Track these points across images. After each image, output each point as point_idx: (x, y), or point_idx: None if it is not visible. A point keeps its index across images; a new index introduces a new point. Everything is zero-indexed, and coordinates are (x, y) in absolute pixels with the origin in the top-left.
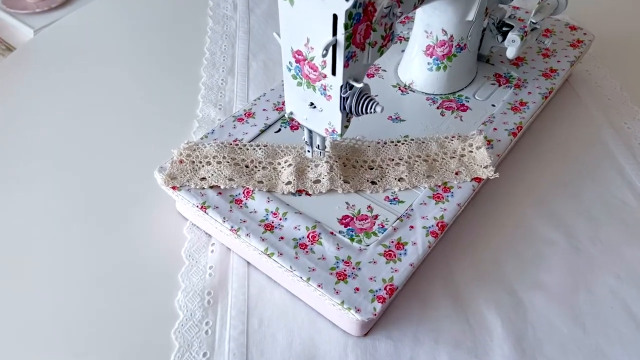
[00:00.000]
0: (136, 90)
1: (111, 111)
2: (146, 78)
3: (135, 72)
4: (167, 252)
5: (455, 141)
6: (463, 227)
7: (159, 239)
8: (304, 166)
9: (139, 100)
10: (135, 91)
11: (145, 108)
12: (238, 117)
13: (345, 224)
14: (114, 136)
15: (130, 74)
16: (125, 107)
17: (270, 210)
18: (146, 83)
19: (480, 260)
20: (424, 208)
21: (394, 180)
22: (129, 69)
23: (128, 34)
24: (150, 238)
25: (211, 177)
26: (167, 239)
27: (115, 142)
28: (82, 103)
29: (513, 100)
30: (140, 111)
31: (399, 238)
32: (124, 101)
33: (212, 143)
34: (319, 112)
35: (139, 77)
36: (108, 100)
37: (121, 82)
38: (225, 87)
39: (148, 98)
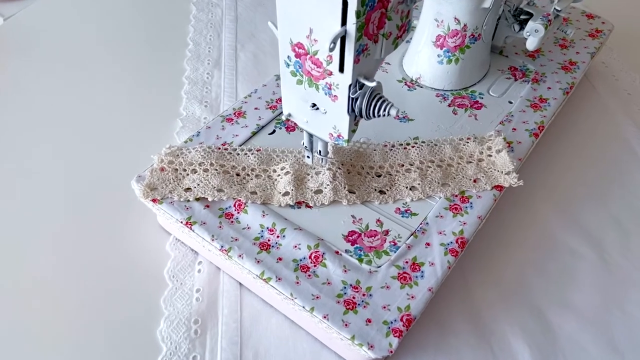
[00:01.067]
0: (112, 85)
1: (83, 109)
2: (123, 71)
3: (110, 64)
4: (148, 272)
5: (471, 143)
6: (481, 240)
7: (137, 257)
8: (303, 174)
9: (115, 97)
10: (111, 86)
11: (122, 105)
12: (227, 116)
13: (352, 241)
14: (85, 138)
15: (105, 67)
16: (100, 105)
17: (266, 226)
18: (123, 77)
19: (502, 277)
20: (441, 221)
21: (405, 189)
22: (104, 62)
23: (103, 21)
24: (127, 256)
25: (197, 187)
26: (148, 257)
27: (87, 145)
28: (50, 99)
29: (532, 97)
30: (116, 109)
31: (414, 258)
32: (98, 98)
33: (197, 147)
34: (322, 115)
35: (115, 71)
36: (80, 97)
37: (95, 76)
38: (211, 82)
39: (125, 94)
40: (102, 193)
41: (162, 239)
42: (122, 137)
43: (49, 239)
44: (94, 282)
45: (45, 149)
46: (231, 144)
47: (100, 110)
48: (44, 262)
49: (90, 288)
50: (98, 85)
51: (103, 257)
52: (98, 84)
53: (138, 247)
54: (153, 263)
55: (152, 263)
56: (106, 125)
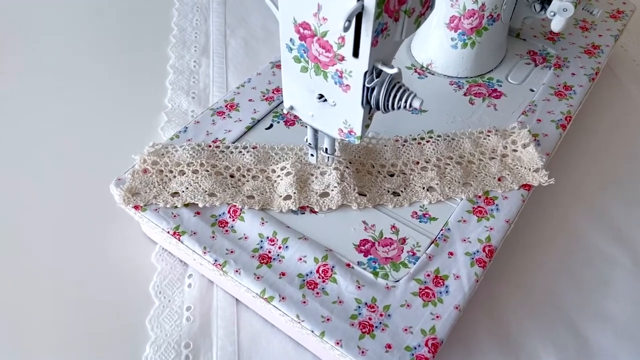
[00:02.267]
0: (87, 76)
1: (55, 104)
2: (99, 60)
3: (85, 52)
4: (131, 288)
5: (493, 137)
6: (506, 245)
7: (119, 271)
8: (306, 174)
9: (91, 89)
10: (87, 77)
11: (99, 98)
12: (217, 109)
13: (365, 251)
14: (58, 136)
15: (79, 56)
16: (74, 99)
17: (266, 235)
18: (100, 67)
19: (531, 287)
20: (464, 227)
21: (422, 190)
22: (77, 49)
23: (79, 4)
24: (108, 269)
25: (186, 191)
26: (131, 271)
27: (60, 144)
28: (22, 91)
29: (555, 84)
30: (92, 103)
31: (437, 270)
32: (71, 91)
33: (185, 145)
34: (330, 108)
35: (90, 60)
36: (51, 90)
37: (68, 66)
38: (198, 71)
39: (102, 85)
40: (79, 198)
41: (147, 249)
42: (99, 134)
43: (20, 250)
44: (69, 300)
45: (13, 150)
46: (223, 141)
47: (75, 105)
48: (14, 275)
49: (66, 308)
50: (71, 77)
51: (80, 270)
52: (71, 75)
53: (120, 259)
54: (137, 277)
55: (136, 277)
56: (82, 121)
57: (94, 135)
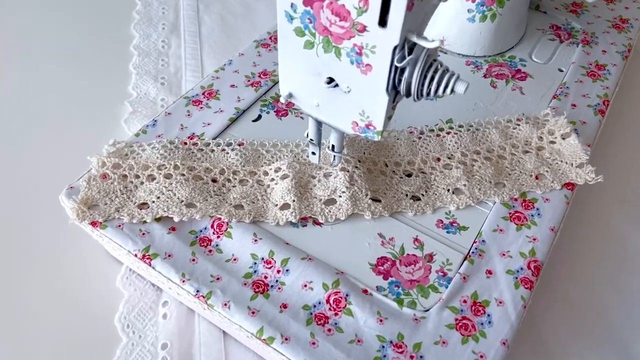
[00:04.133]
0: (34, 59)
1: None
2: (50, 41)
3: (32, 31)
4: (91, 320)
5: (524, 126)
6: None
7: (76, 298)
8: (306, 177)
9: (41, 74)
10: (34, 60)
11: (51, 86)
12: (193, 98)
13: (385, 272)
14: (2, 131)
15: (24, 35)
16: (19, 86)
17: (260, 256)
18: (50, 49)
19: (575, 304)
20: (501, 238)
21: (447, 192)
22: (23, 27)
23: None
24: (63, 297)
25: (157, 202)
26: (91, 298)
27: (2, 143)
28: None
29: (586, 62)
30: (42, 91)
31: (475, 294)
32: (16, 75)
33: (154, 143)
34: (343, 95)
35: (39, 40)
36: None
37: (11, 46)
38: (168, 52)
39: (53, 71)
40: (25, 209)
41: (110, 270)
42: (49, 131)
43: None
44: (14, 337)
45: None
46: (202, 137)
47: (18, 95)
48: None
49: (9, 346)
50: (12, 61)
51: (25, 300)
52: (12, 60)
53: (77, 284)
54: (99, 307)
55: (97, 307)
56: (27, 115)
57: (41, 132)
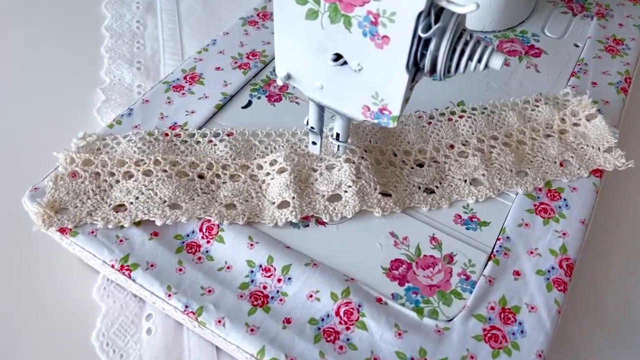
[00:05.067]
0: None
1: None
2: (14, 22)
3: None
4: (64, 338)
5: (544, 108)
6: None
7: (47, 312)
8: (306, 170)
9: (1, 60)
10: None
11: (13, 72)
12: (173, 83)
13: (400, 277)
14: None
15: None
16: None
17: (258, 262)
18: (14, 31)
19: (607, 308)
20: (528, 233)
21: (464, 183)
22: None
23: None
24: (29, 311)
25: (135, 203)
26: (64, 312)
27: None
28: None
29: (603, 37)
30: (4, 79)
31: (503, 300)
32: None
33: (131, 135)
34: (353, 74)
35: (1, 21)
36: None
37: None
38: (143, 33)
39: (17, 55)
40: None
41: (86, 279)
42: (12, 123)
43: None
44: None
45: None
46: (185, 127)
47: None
48: None
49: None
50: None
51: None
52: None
53: (47, 297)
54: (73, 323)
55: (71, 323)
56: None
57: (4, 124)
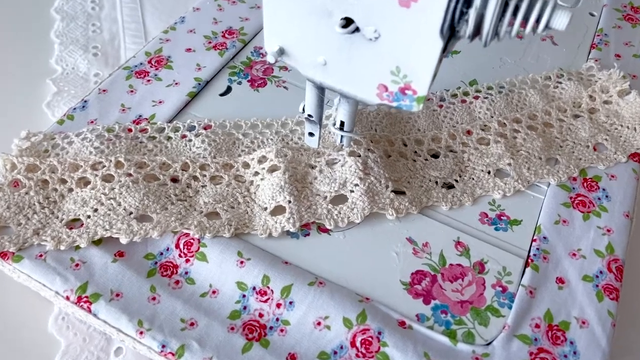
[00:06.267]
0: None
1: None
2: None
3: None
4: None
5: (567, 84)
6: None
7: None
8: (303, 167)
9: None
10: None
11: None
12: (136, 68)
13: (425, 293)
14: None
15: None
16: None
17: (251, 284)
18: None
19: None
20: (567, 232)
21: (487, 175)
22: None
23: None
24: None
25: (94, 216)
26: (17, 350)
27: None
28: None
29: (619, 4)
30: None
31: (548, 314)
32: None
33: (85, 132)
34: (367, 44)
35: None
36: None
37: None
38: (100, 15)
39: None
40: None
41: (41, 309)
42: None
43: None
44: None
45: None
46: (152, 120)
47: None
48: None
49: None
50: None
51: None
52: None
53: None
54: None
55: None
56: None
57: None
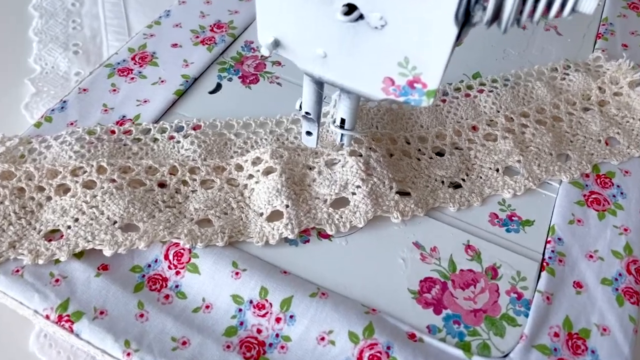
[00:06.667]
0: None
1: None
2: None
3: None
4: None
5: (575, 75)
6: None
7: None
8: (301, 169)
9: None
10: None
11: None
12: (118, 66)
13: (435, 302)
14: None
15: None
16: None
17: (247, 297)
18: None
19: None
20: (582, 232)
21: (495, 173)
22: None
23: None
24: None
25: (75, 227)
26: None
27: None
28: None
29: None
30: None
31: (567, 322)
32: None
33: (65, 135)
34: (372, 33)
35: None
36: None
37: None
38: (80, 11)
39: None
40: None
41: (20, 327)
42: None
43: None
44: None
45: None
46: (137, 121)
47: None
48: None
49: None
50: None
51: None
52: None
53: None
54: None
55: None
56: None
57: None
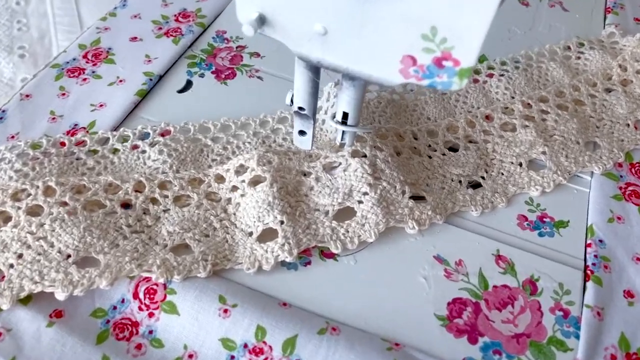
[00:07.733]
0: None
1: None
2: None
3: None
4: None
5: (590, 53)
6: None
7: None
8: (294, 176)
9: None
10: None
11: None
12: (68, 66)
13: (469, 329)
14: None
15: None
16: None
17: (240, 340)
18: None
19: None
20: (624, 230)
21: (518, 167)
22: None
23: None
24: None
25: (18, 265)
26: None
27: None
28: None
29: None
30: None
31: (624, 341)
32: None
33: (4, 150)
34: (385, 2)
35: None
36: None
37: None
38: (26, 10)
39: None
40: None
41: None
42: None
43: None
44: None
45: None
46: (92, 129)
47: None
48: None
49: None
50: None
51: None
52: None
53: None
54: None
55: None
56: None
57: None
